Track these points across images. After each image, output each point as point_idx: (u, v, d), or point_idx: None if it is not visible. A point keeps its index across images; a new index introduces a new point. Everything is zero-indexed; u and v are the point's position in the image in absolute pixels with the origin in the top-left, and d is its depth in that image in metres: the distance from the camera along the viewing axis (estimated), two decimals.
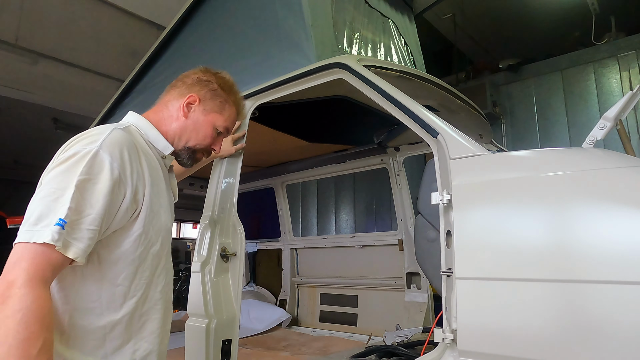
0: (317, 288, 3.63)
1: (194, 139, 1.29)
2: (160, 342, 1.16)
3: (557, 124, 4.81)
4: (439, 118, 1.37)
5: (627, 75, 4.40)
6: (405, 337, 2.43)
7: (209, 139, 1.31)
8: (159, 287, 1.16)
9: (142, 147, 1.15)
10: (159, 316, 1.16)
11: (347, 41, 2.28)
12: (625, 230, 0.90)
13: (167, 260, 1.21)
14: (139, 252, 1.09)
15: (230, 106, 1.35)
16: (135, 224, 1.08)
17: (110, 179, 1.00)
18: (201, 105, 1.29)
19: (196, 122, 1.28)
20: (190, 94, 1.28)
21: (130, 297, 1.08)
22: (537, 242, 1.00)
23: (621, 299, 0.88)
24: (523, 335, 0.98)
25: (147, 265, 1.11)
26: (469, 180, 1.16)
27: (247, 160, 2.60)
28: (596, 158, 1.05)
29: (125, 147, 1.06)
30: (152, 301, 1.14)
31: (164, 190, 1.20)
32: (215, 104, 1.31)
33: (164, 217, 1.17)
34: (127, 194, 1.04)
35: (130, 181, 1.05)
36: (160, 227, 1.15)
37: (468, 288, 1.08)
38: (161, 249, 1.16)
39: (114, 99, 3.50)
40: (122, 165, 1.03)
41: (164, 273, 1.18)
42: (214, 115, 1.30)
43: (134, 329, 1.10)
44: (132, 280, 1.08)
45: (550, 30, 5.60)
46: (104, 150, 1.01)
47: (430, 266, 1.34)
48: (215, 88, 1.31)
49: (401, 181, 3.16)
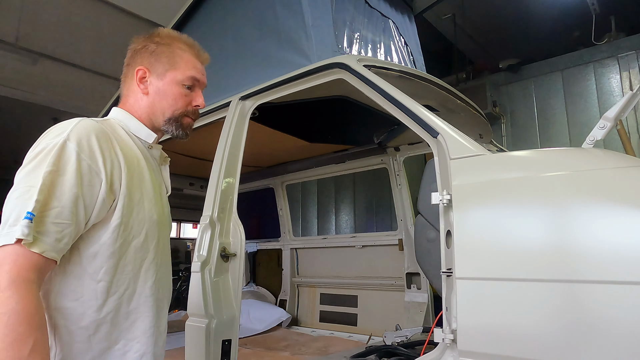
0: (317, 288, 3.64)
1: (167, 107, 1.19)
2: (154, 343, 1.09)
3: (557, 124, 4.81)
4: (439, 118, 1.37)
5: (627, 75, 4.40)
6: (405, 337, 2.43)
7: (181, 98, 1.20)
8: (149, 282, 1.09)
9: (120, 137, 1.10)
10: (151, 314, 1.08)
11: (347, 41, 2.28)
12: (625, 230, 0.90)
13: (159, 255, 1.14)
14: (118, 245, 1.02)
15: (182, 53, 1.21)
16: (114, 215, 1.02)
17: (77, 170, 0.95)
18: (152, 73, 1.18)
19: (158, 91, 1.18)
20: (136, 69, 1.18)
21: (113, 293, 1.02)
22: (537, 242, 1.00)
23: (621, 299, 0.88)
24: (523, 335, 0.98)
25: (129, 258, 1.05)
26: (469, 180, 1.16)
27: (247, 160, 2.60)
28: (596, 158, 1.05)
29: (94, 136, 1.00)
30: (140, 298, 1.07)
31: (149, 181, 1.13)
32: (164, 62, 1.19)
33: (148, 207, 1.10)
34: (102, 184, 0.99)
35: (103, 170, 0.99)
36: (144, 219, 1.08)
37: (468, 288, 1.08)
38: (146, 242, 1.09)
39: (114, 99, 3.50)
40: (92, 155, 0.98)
41: (154, 268, 1.11)
42: (170, 74, 1.18)
43: (122, 328, 1.04)
44: (113, 275, 1.02)
45: (550, 30, 5.60)
46: (71, 141, 0.97)
47: (430, 266, 1.34)
48: (154, 49, 1.19)
49: (401, 181, 3.16)
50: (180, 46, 1.22)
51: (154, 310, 1.09)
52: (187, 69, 1.20)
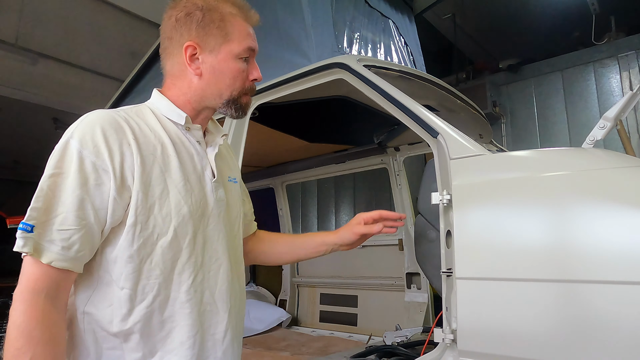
0: (317, 288, 3.63)
1: (224, 88, 1.03)
2: (197, 355, 0.94)
3: (557, 124, 4.81)
4: (439, 118, 1.37)
5: (627, 75, 4.40)
6: (405, 337, 2.43)
7: (239, 75, 1.03)
8: (184, 286, 0.94)
9: (143, 124, 0.97)
10: (189, 322, 0.94)
11: (347, 41, 2.28)
12: (625, 230, 0.90)
13: (199, 253, 0.98)
14: (136, 247, 0.90)
15: (233, 19, 1.03)
16: (128, 213, 0.90)
17: (80, 170, 0.86)
18: (204, 48, 1.00)
19: (214, 71, 1.01)
20: (184, 45, 1.00)
21: (140, 302, 0.90)
22: (537, 242, 1.00)
23: (621, 299, 0.88)
24: (523, 335, 0.98)
25: (155, 261, 0.91)
26: (469, 180, 1.16)
27: (247, 160, 2.60)
28: (596, 158, 1.05)
29: (99, 128, 0.89)
30: (175, 304, 0.93)
31: (176, 169, 0.96)
32: (216, 33, 1.01)
33: (175, 200, 0.94)
34: (111, 180, 0.88)
35: (111, 165, 0.88)
36: (169, 214, 0.93)
37: (468, 288, 1.08)
38: (176, 240, 0.93)
39: (114, 99, 3.50)
40: (96, 151, 0.87)
41: (190, 269, 0.95)
42: (226, 47, 1.01)
43: (157, 339, 0.92)
44: (135, 282, 0.90)
45: (550, 30, 5.60)
46: (74, 139, 0.88)
47: (430, 266, 1.34)
48: (200, 17, 1.00)
49: (401, 181, 3.16)
50: (230, 10, 1.03)
51: (193, 317, 0.94)
52: (243, 38, 1.03)
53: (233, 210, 1.10)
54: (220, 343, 0.99)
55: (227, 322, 1.00)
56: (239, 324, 1.07)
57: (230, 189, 1.10)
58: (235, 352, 1.04)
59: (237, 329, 1.05)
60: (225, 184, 1.09)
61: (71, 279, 0.89)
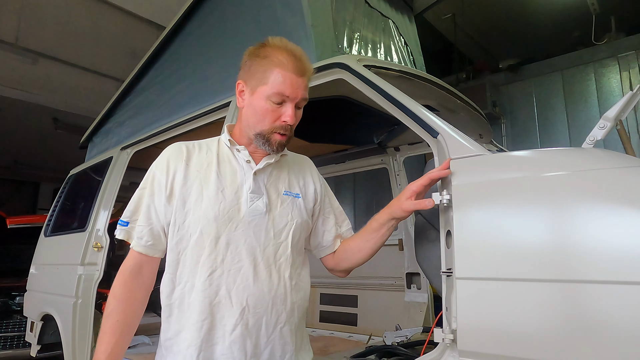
0: (317, 288, 3.63)
1: (256, 123, 1.19)
2: (203, 338, 1.12)
3: (557, 124, 4.81)
4: (439, 118, 1.37)
5: (627, 75, 4.41)
6: (405, 337, 2.43)
7: (268, 114, 1.17)
8: (202, 277, 1.14)
9: (204, 149, 1.26)
10: (198, 309, 1.13)
11: (347, 41, 2.28)
12: (625, 231, 0.90)
13: (220, 251, 1.15)
14: (174, 242, 1.18)
15: (272, 67, 1.15)
16: (173, 215, 1.19)
17: (151, 184, 1.21)
18: (247, 87, 1.21)
19: (250, 106, 1.20)
20: (237, 81, 1.24)
21: (177, 284, 1.17)
22: (537, 242, 1.00)
23: (621, 299, 0.88)
24: (523, 335, 0.98)
25: (187, 254, 1.17)
26: (469, 180, 1.16)
27: None
28: (596, 158, 1.05)
29: (167, 154, 1.23)
30: (195, 291, 1.15)
31: (213, 182, 1.19)
32: (256, 77, 1.18)
33: (205, 206, 1.16)
34: (163, 192, 1.19)
35: (164, 181, 1.19)
36: (199, 217, 1.16)
37: (468, 288, 1.08)
38: (201, 239, 1.15)
39: (114, 99, 3.50)
40: (161, 170, 1.20)
41: (209, 263, 1.14)
42: (260, 89, 1.17)
43: (185, 317, 1.16)
44: (175, 269, 1.18)
45: (550, 30, 5.60)
46: (155, 166, 1.23)
47: (430, 266, 1.34)
48: (250, 63, 1.20)
49: (401, 181, 3.16)
50: (281, 58, 1.16)
51: (204, 305, 1.14)
52: (276, 84, 1.15)
53: (278, 220, 1.24)
54: (229, 334, 1.14)
55: (238, 319, 1.14)
56: (267, 330, 1.18)
57: (282, 202, 1.26)
58: (236, 345, 1.14)
59: (257, 330, 1.16)
60: (274, 197, 1.25)
61: (152, 262, 1.22)
